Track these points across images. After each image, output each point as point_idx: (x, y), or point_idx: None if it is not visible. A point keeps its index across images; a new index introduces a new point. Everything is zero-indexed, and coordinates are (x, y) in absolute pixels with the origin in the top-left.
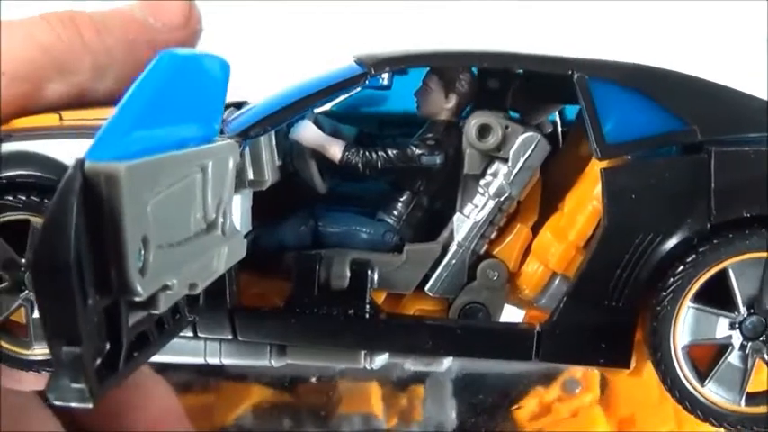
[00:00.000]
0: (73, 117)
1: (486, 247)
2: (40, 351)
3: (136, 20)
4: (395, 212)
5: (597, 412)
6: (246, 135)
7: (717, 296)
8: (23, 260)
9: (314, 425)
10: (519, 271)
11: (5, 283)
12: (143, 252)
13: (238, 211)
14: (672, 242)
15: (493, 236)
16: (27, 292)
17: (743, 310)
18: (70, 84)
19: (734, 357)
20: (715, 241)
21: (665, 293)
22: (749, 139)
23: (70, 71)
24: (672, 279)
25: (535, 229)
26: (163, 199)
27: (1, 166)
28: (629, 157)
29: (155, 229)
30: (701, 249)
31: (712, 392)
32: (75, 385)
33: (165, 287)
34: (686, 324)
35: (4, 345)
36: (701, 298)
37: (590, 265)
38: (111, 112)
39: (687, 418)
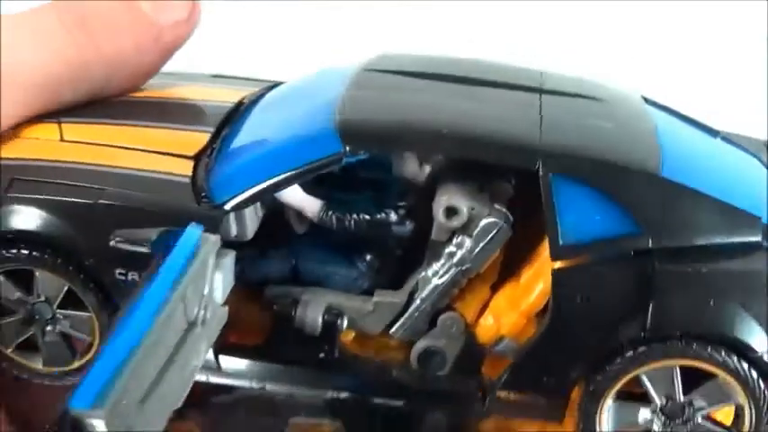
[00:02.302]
0: (73, 136)
1: (446, 302)
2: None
3: (145, 17)
4: (368, 258)
5: None
6: (231, 210)
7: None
8: (31, 297)
9: None
10: (475, 322)
11: (20, 316)
12: None
13: (221, 284)
14: (605, 346)
15: (454, 294)
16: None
17: (660, 400)
18: (83, 91)
19: None
20: (630, 354)
21: (590, 393)
22: (700, 248)
23: (84, 79)
24: (596, 380)
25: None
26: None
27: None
28: (581, 261)
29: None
30: (620, 359)
31: None
32: None
33: None
34: (610, 416)
35: (20, 360)
36: (622, 392)
37: (532, 351)
38: None
39: None
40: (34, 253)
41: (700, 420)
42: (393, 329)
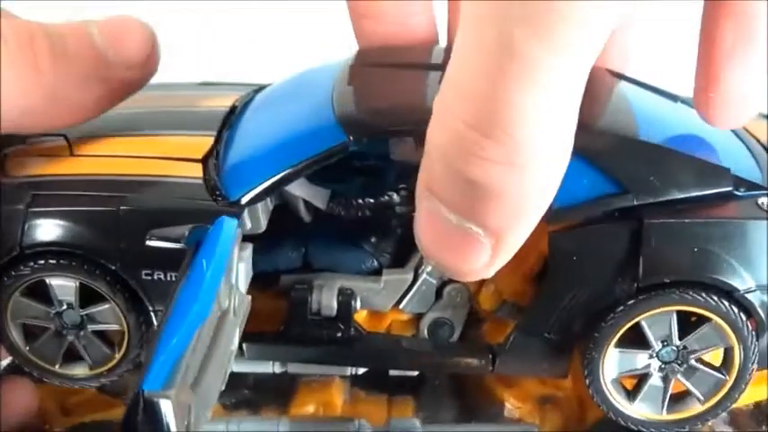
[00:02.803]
0: (83, 150)
1: None
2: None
3: (94, 50)
4: (373, 240)
5: None
6: (247, 205)
7: (635, 337)
8: (53, 308)
9: None
10: (478, 291)
11: (51, 330)
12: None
13: (243, 274)
14: (603, 299)
15: None
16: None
17: (657, 345)
18: (15, 117)
19: (654, 380)
20: (631, 302)
21: (592, 344)
22: (680, 201)
23: (19, 106)
24: (597, 332)
25: None
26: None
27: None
28: (573, 222)
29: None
30: (620, 308)
31: (640, 408)
32: None
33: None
34: (612, 363)
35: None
36: (622, 341)
37: (533, 308)
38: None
39: None
40: (61, 261)
41: (693, 362)
42: (402, 304)
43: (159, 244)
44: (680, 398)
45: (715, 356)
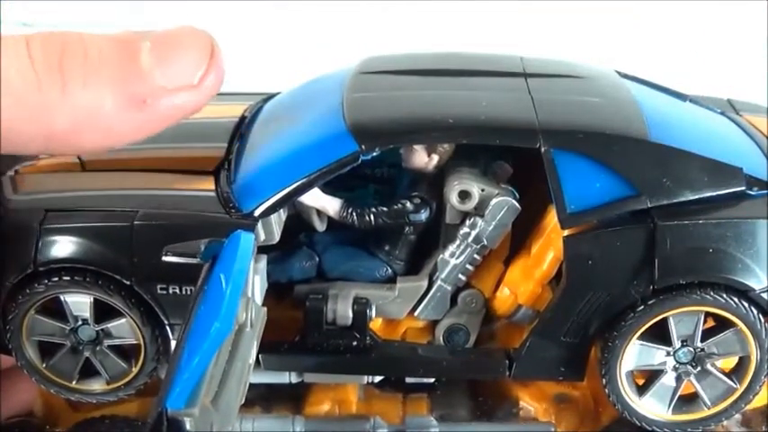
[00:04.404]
0: (95, 165)
1: (465, 280)
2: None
3: (138, 69)
4: (386, 248)
5: None
6: (260, 217)
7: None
8: (69, 324)
9: None
10: (493, 296)
11: (67, 346)
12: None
13: (259, 286)
14: (620, 301)
15: (470, 272)
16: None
17: (678, 343)
18: (40, 140)
19: (667, 378)
20: (662, 297)
21: (616, 333)
22: (693, 201)
23: (43, 129)
24: (624, 322)
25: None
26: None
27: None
28: (588, 226)
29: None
30: (650, 302)
31: (647, 404)
32: None
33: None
34: (631, 355)
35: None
36: (645, 334)
37: (550, 312)
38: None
39: None
40: (75, 278)
41: (708, 366)
42: (417, 311)
43: (176, 259)
44: (687, 400)
45: (726, 362)
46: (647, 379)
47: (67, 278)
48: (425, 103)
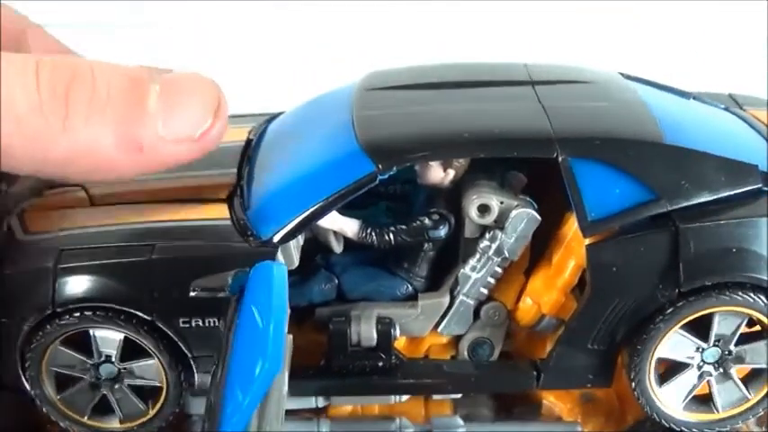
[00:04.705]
0: (102, 199)
1: (486, 293)
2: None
3: (144, 113)
4: (405, 266)
5: None
6: (280, 243)
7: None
8: (92, 359)
9: None
10: (515, 307)
11: (86, 380)
12: None
13: None
14: (646, 306)
15: (492, 285)
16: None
17: (710, 342)
18: (35, 167)
19: (689, 374)
20: (669, 311)
21: (660, 318)
22: (711, 202)
23: (40, 158)
24: (638, 342)
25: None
26: None
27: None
28: (610, 233)
29: None
30: (659, 318)
31: (663, 396)
32: None
33: None
34: (667, 343)
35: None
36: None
37: (576, 321)
38: None
39: None
40: (98, 313)
41: (731, 370)
42: (441, 327)
43: (204, 294)
44: (700, 401)
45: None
46: (671, 369)
47: (101, 314)
48: (438, 119)
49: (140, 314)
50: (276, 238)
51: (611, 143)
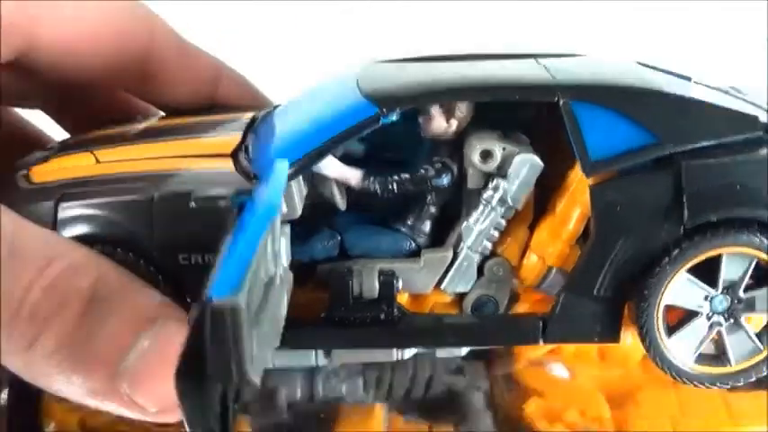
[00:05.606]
0: (108, 158)
1: (490, 247)
2: None
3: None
4: (409, 222)
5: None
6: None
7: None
8: None
9: None
10: (520, 264)
11: None
12: (253, 348)
13: (284, 248)
14: (651, 246)
15: (496, 239)
16: None
17: (720, 289)
18: None
19: (698, 324)
20: (675, 252)
21: (666, 259)
22: (712, 147)
23: None
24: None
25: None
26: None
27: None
28: (612, 174)
29: (255, 320)
30: (664, 260)
31: (673, 347)
32: None
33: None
34: (674, 288)
35: None
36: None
37: (582, 266)
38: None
39: None
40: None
41: (741, 319)
42: (444, 284)
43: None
44: (712, 355)
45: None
46: (680, 320)
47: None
48: (440, 72)
49: (141, 251)
50: None
51: (611, 88)
